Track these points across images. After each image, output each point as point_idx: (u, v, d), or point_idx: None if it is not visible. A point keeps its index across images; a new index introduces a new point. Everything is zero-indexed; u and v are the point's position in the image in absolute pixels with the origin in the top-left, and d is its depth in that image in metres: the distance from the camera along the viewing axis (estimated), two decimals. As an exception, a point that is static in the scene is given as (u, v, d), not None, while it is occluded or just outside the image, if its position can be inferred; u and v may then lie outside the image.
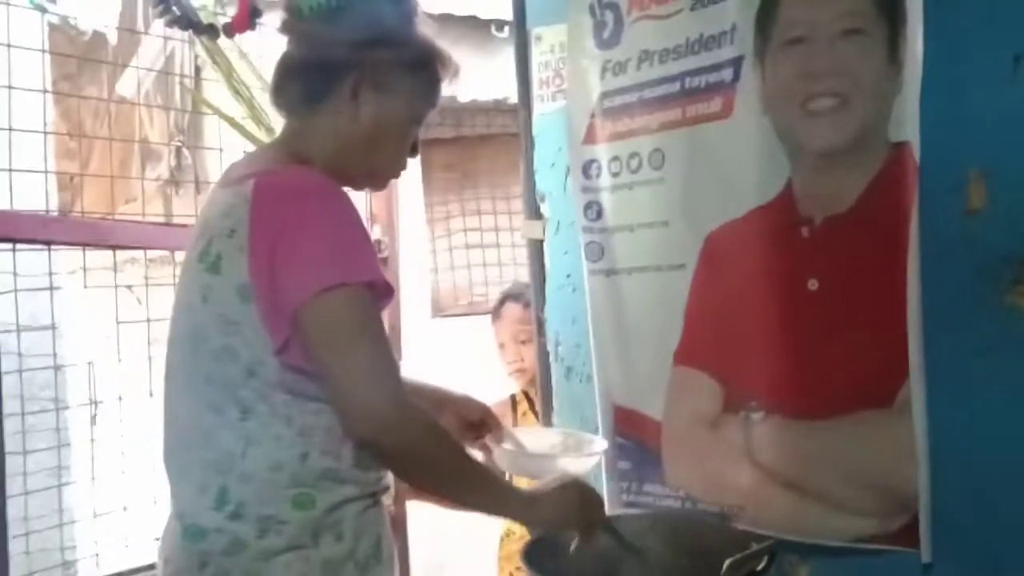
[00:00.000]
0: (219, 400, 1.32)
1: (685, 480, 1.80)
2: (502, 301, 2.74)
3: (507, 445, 1.72)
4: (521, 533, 2.46)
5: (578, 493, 1.48)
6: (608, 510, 1.82)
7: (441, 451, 1.36)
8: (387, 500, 1.46)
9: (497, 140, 4.54)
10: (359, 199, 2.63)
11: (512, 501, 1.45)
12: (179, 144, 3.68)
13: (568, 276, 2.08)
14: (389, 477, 1.45)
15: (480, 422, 1.72)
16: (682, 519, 1.75)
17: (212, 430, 1.32)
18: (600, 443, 1.79)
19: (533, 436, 1.85)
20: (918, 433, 1.44)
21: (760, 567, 1.42)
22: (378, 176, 1.53)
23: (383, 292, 1.33)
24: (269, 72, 1.49)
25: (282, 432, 1.31)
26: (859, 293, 1.52)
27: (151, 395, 2.11)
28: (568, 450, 1.79)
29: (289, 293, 1.27)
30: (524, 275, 3.13)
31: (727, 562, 1.32)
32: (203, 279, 1.34)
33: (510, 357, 2.65)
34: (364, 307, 1.30)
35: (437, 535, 3.14)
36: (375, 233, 2.64)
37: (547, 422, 2.20)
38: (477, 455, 2.24)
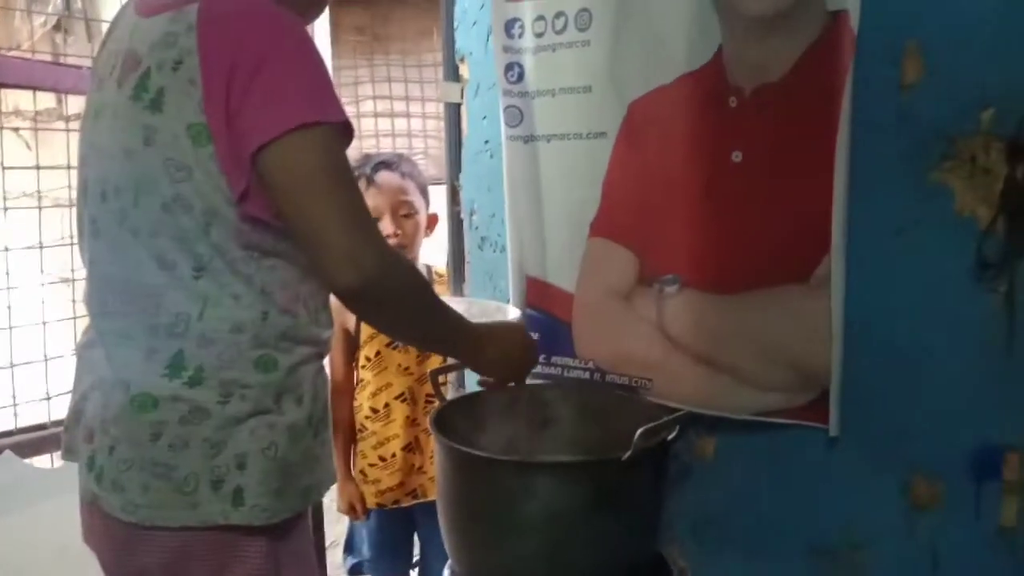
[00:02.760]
0: (170, 255, 1.21)
1: (595, 352, 1.78)
2: (375, 167, 2.43)
3: None
4: (373, 430, 2.44)
5: (523, 341, 1.57)
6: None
7: (419, 300, 1.33)
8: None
9: (409, 4, 4.35)
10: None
11: (463, 346, 1.48)
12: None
13: (486, 142, 2.00)
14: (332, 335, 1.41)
15: None
16: (592, 390, 1.75)
17: (160, 290, 1.22)
18: (512, 310, 1.76)
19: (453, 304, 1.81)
20: (834, 308, 1.44)
21: (671, 437, 1.42)
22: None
23: (350, 136, 1.24)
24: None
25: (241, 291, 1.22)
26: (783, 166, 1.48)
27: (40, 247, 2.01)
28: (477, 316, 1.76)
29: (252, 131, 1.15)
30: (433, 147, 3.01)
31: (639, 431, 1.32)
32: (143, 119, 1.20)
33: (388, 229, 2.38)
34: (339, 148, 1.20)
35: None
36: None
37: (457, 293, 2.16)
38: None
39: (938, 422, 1.41)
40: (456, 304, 1.87)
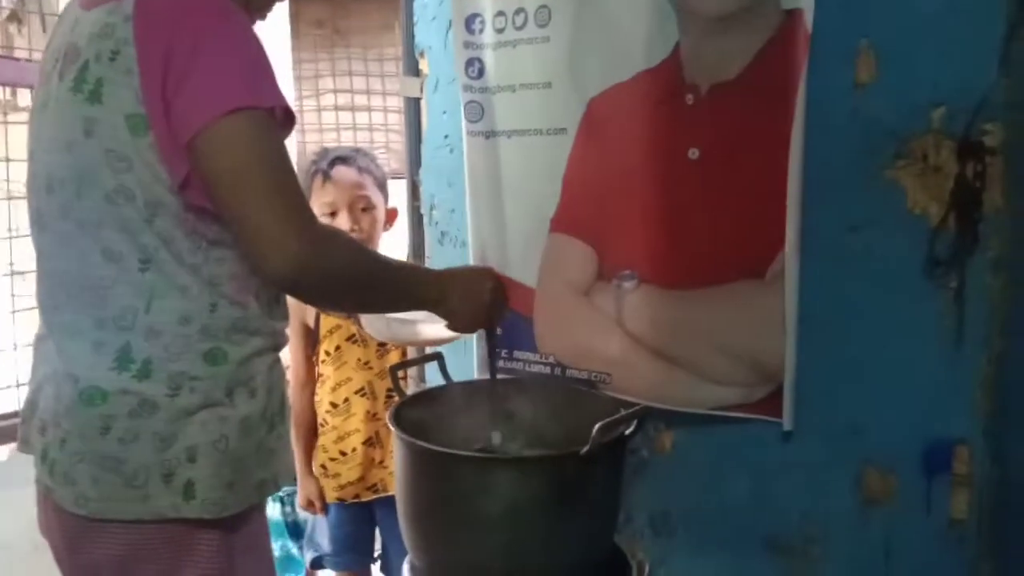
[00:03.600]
0: (116, 247, 1.20)
1: (556, 347, 1.79)
2: (331, 162, 2.38)
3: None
4: (334, 424, 2.43)
5: (491, 284, 1.54)
6: (476, 374, 1.81)
7: (360, 270, 1.31)
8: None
9: (371, -3, 4.33)
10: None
11: (423, 298, 1.46)
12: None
13: (446, 137, 2.00)
14: (287, 329, 1.41)
15: None
16: (551, 385, 1.75)
17: (108, 283, 1.21)
18: None
19: None
20: (788, 304, 1.46)
21: (629, 431, 1.43)
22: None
23: (287, 121, 1.22)
24: None
25: (188, 282, 1.22)
26: (740, 164, 1.50)
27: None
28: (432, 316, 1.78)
29: (186, 118, 1.14)
30: (396, 140, 2.99)
31: (597, 426, 1.32)
32: (83, 111, 1.20)
33: (345, 225, 2.33)
34: (270, 134, 1.18)
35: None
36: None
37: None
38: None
39: (890, 416, 1.43)
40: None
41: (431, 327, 1.71)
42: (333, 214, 2.35)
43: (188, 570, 1.26)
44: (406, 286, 1.43)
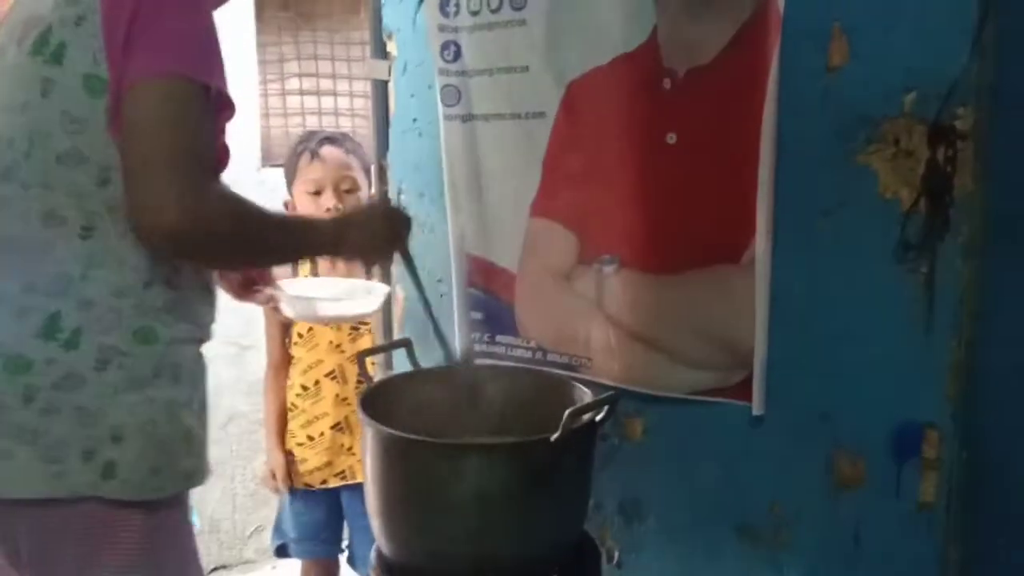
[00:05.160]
0: (61, 211, 1.18)
1: (537, 331, 1.79)
2: (320, 142, 2.41)
3: (292, 293, 1.70)
4: (303, 408, 2.41)
5: (383, 211, 1.50)
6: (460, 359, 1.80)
7: (247, 233, 1.25)
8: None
9: (337, -19, 4.27)
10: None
11: (321, 244, 1.42)
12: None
13: (414, 121, 1.98)
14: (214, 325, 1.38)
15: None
16: (523, 371, 1.74)
17: (44, 247, 1.18)
18: (383, 288, 1.77)
19: (317, 284, 1.85)
20: (759, 288, 1.46)
21: (600, 417, 1.42)
22: None
23: (223, 105, 1.21)
24: None
25: (127, 256, 1.19)
26: (716, 148, 1.50)
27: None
28: (353, 294, 1.84)
29: (127, 74, 1.14)
30: (362, 126, 2.95)
31: (567, 412, 1.31)
32: (41, 71, 1.19)
33: (330, 203, 2.34)
34: (193, 105, 1.16)
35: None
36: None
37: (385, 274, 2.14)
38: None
39: (860, 400, 1.43)
40: (333, 282, 1.91)
41: (343, 305, 1.72)
42: (318, 192, 2.37)
43: (108, 555, 1.23)
44: (301, 237, 1.39)
